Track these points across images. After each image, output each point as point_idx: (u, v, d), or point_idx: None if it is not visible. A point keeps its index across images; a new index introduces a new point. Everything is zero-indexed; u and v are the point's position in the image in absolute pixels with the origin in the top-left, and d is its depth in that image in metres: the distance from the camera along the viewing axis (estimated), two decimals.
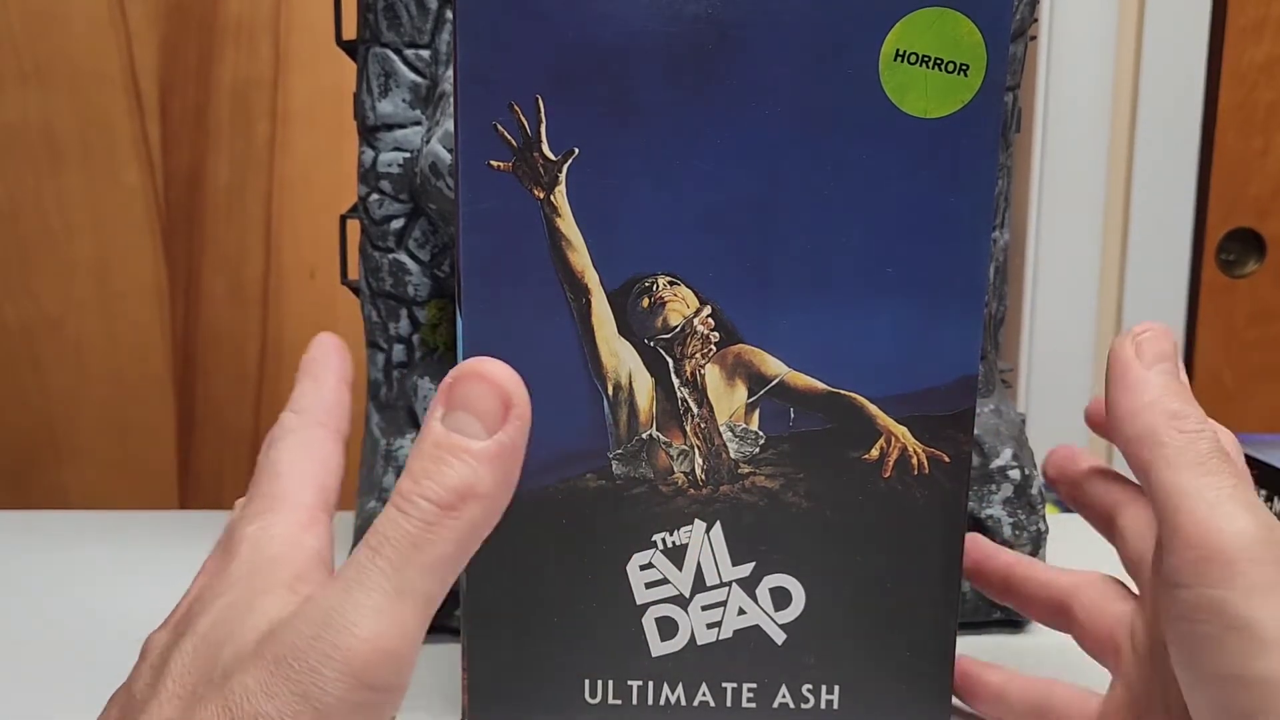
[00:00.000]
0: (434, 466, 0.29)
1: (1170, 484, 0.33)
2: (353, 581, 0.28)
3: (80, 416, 1.01)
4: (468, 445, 0.29)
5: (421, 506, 0.29)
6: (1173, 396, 0.35)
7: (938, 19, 0.38)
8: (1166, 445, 0.34)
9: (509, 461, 0.30)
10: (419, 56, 0.53)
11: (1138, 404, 0.35)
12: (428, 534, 0.29)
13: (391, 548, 0.28)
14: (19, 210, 0.96)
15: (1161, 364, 0.36)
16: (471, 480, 0.29)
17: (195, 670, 0.29)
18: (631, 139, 0.39)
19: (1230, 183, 1.07)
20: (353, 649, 0.27)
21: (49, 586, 0.60)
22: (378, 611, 0.28)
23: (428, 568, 0.29)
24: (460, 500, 0.29)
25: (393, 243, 0.54)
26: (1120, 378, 0.36)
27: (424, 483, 0.29)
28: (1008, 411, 0.56)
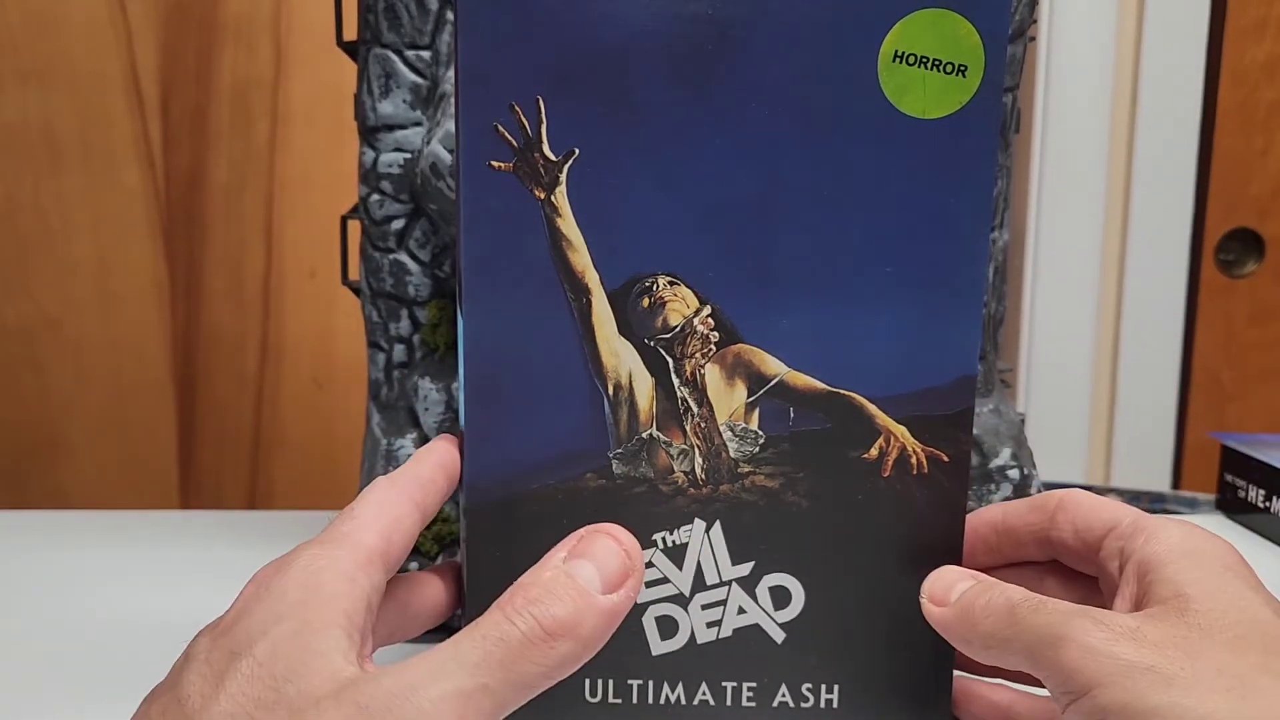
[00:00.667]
0: (550, 597, 0.32)
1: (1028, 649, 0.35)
2: (446, 662, 0.31)
3: (80, 416, 1.01)
4: (585, 590, 0.32)
5: (528, 621, 0.31)
6: (967, 609, 0.37)
7: (936, 20, 0.38)
8: (995, 635, 0.36)
9: (611, 624, 0.33)
10: (419, 57, 0.53)
11: (962, 638, 0.37)
12: (525, 650, 0.31)
13: (489, 645, 0.31)
14: (19, 210, 0.96)
15: (947, 600, 0.38)
16: (579, 621, 0.32)
17: (253, 694, 0.30)
18: (632, 139, 0.39)
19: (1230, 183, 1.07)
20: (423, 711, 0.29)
21: (49, 586, 0.60)
22: (462, 697, 0.30)
23: (513, 679, 0.31)
24: (563, 632, 0.31)
25: (393, 243, 0.54)
26: (944, 629, 0.38)
27: (538, 604, 0.32)
28: (1007, 411, 0.56)
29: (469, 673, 0.30)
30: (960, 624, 0.37)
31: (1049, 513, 0.41)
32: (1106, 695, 0.32)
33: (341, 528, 0.35)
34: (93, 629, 0.55)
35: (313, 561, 0.34)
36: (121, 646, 0.51)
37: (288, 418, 1.02)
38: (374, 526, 0.36)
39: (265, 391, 1.01)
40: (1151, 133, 1.04)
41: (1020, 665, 0.35)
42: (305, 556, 0.34)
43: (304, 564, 0.33)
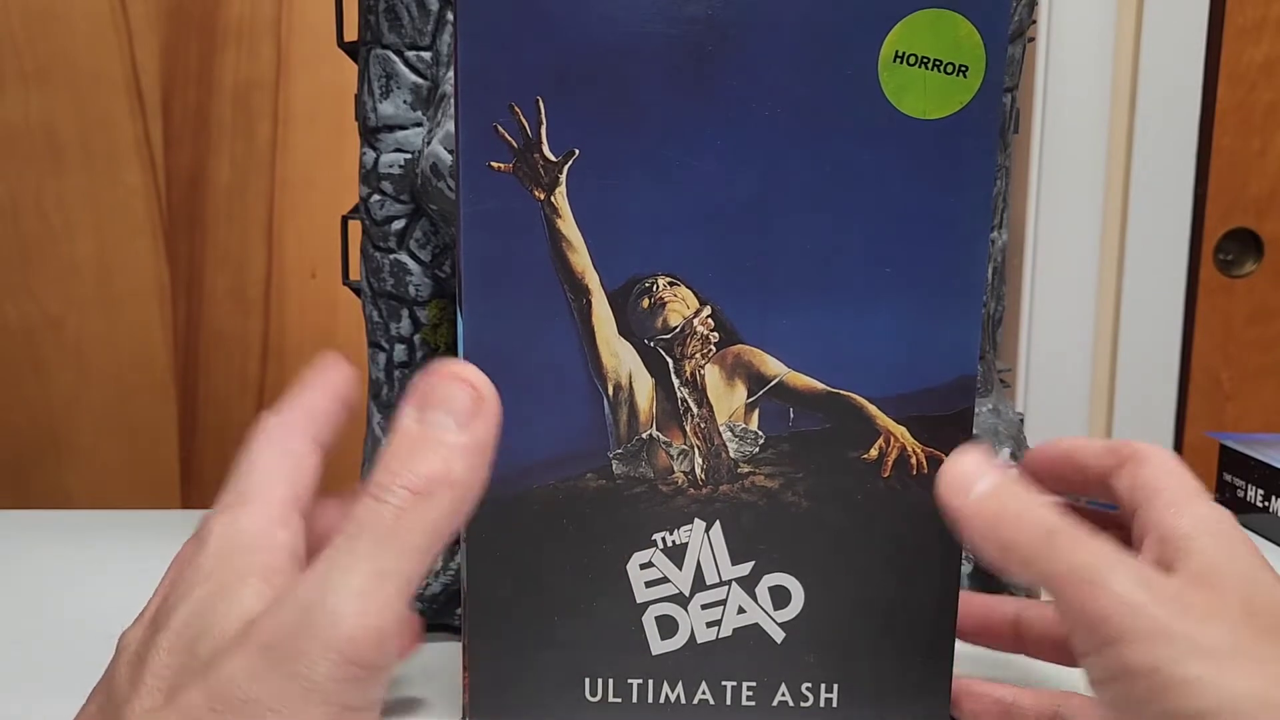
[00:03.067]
0: (408, 458, 0.31)
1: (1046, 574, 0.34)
2: (333, 567, 0.29)
3: (81, 416, 1.01)
4: (442, 437, 0.31)
5: (397, 494, 0.30)
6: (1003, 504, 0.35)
7: (936, 20, 0.38)
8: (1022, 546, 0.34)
9: (481, 456, 0.31)
10: (420, 58, 0.53)
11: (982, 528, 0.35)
12: (402, 519, 0.30)
13: (369, 533, 0.30)
14: (20, 210, 0.96)
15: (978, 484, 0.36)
16: (445, 469, 0.31)
17: (173, 663, 0.29)
18: (632, 140, 0.39)
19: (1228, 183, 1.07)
20: (339, 629, 0.28)
21: (50, 586, 0.60)
22: (360, 593, 0.29)
23: (404, 551, 0.30)
24: (435, 486, 0.30)
25: (394, 243, 0.54)
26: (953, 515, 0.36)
27: (400, 472, 0.30)
28: (1006, 411, 0.56)
29: (358, 572, 0.29)
30: (984, 524, 0.35)
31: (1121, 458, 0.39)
32: (1135, 653, 0.31)
33: (243, 485, 0.34)
34: (94, 629, 0.55)
35: (226, 528, 0.33)
36: None
37: None
38: (277, 477, 0.34)
39: (266, 391, 1.01)
40: (1150, 133, 1.04)
41: (1032, 583, 0.34)
42: (218, 525, 0.33)
43: (218, 533, 0.33)
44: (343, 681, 0.28)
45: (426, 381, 0.32)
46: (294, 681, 0.28)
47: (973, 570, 0.54)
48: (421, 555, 0.30)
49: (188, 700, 0.28)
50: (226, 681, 0.28)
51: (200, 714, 0.28)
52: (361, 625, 0.28)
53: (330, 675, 0.28)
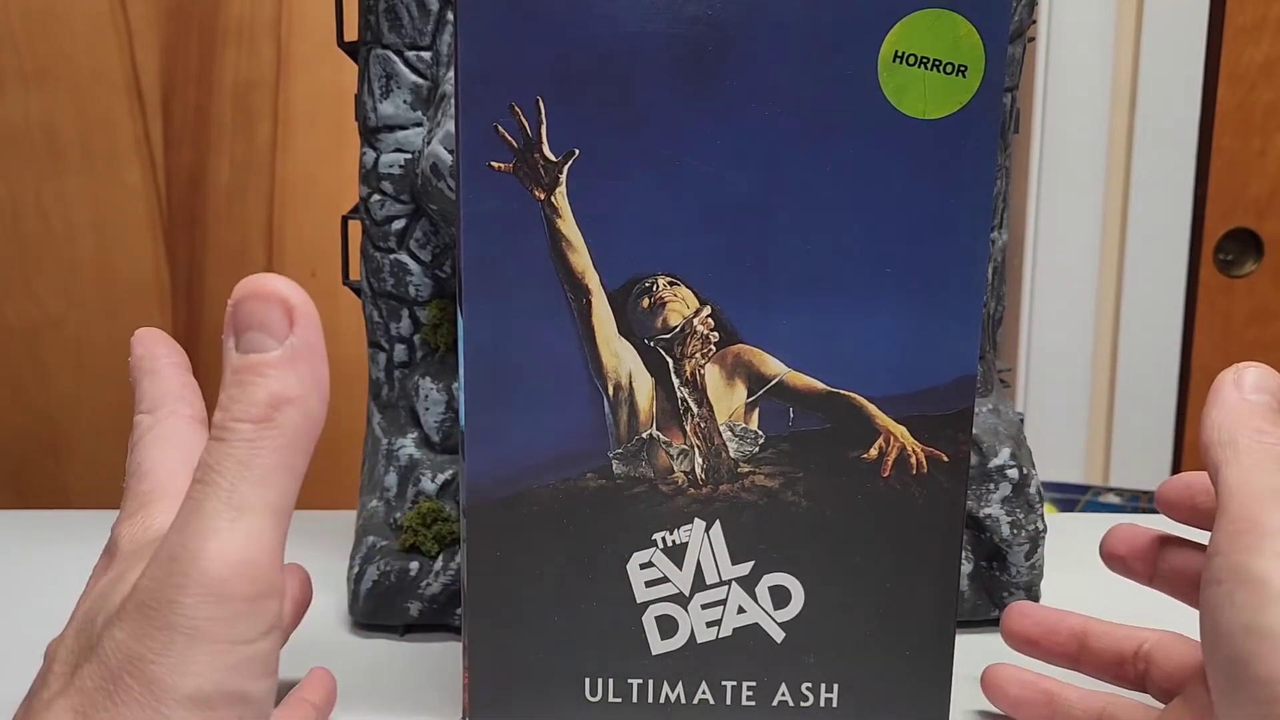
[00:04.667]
0: (239, 390, 0.30)
1: (1233, 479, 0.34)
2: (189, 515, 0.29)
3: (81, 416, 1.01)
4: (264, 359, 0.30)
5: (238, 429, 0.29)
6: (1259, 415, 0.36)
7: (936, 20, 0.38)
8: (1240, 450, 0.35)
9: (310, 361, 0.31)
10: (420, 58, 0.53)
11: (1224, 417, 0.36)
12: (251, 450, 0.29)
13: (219, 474, 0.29)
14: (20, 210, 0.96)
15: (1259, 393, 0.37)
16: (278, 389, 0.30)
17: (74, 649, 0.30)
18: (632, 140, 0.39)
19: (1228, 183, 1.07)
20: (205, 570, 0.28)
21: (51, 586, 0.60)
22: (220, 532, 0.28)
23: (260, 481, 0.29)
24: (273, 410, 0.30)
25: (394, 243, 0.54)
26: (1215, 397, 0.37)
27: (233, 407, 0.30)
28: (1006, 411, 0.56)
29: (213, 512, 0.29)
30: (1237, 415, 0.36)
31: None
32: None
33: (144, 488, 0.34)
34: None
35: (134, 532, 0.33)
36: None
37: None
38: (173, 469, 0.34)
39: None
40: (1150, 133, 1.04)
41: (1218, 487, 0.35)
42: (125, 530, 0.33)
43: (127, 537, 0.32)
44: (223, 620, 0.28)
45: (232, 309, 0.31)
46: (173, 631, 0.28)
47: (973, 570, 0.54)
48: (281, 479, 0.30)
49: (82, 677, 0.28)
50: (111, 649, 0.28)
51: (95, 684, 0.28)
52: (226, 561, 0.28)
53: (208, 616, 0.28)
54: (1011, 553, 0.53)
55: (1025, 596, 0.54)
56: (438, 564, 0.52)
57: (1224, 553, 0.33)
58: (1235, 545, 0.33)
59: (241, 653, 0.28)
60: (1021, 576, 0.54)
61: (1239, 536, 0.33)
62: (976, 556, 0.54)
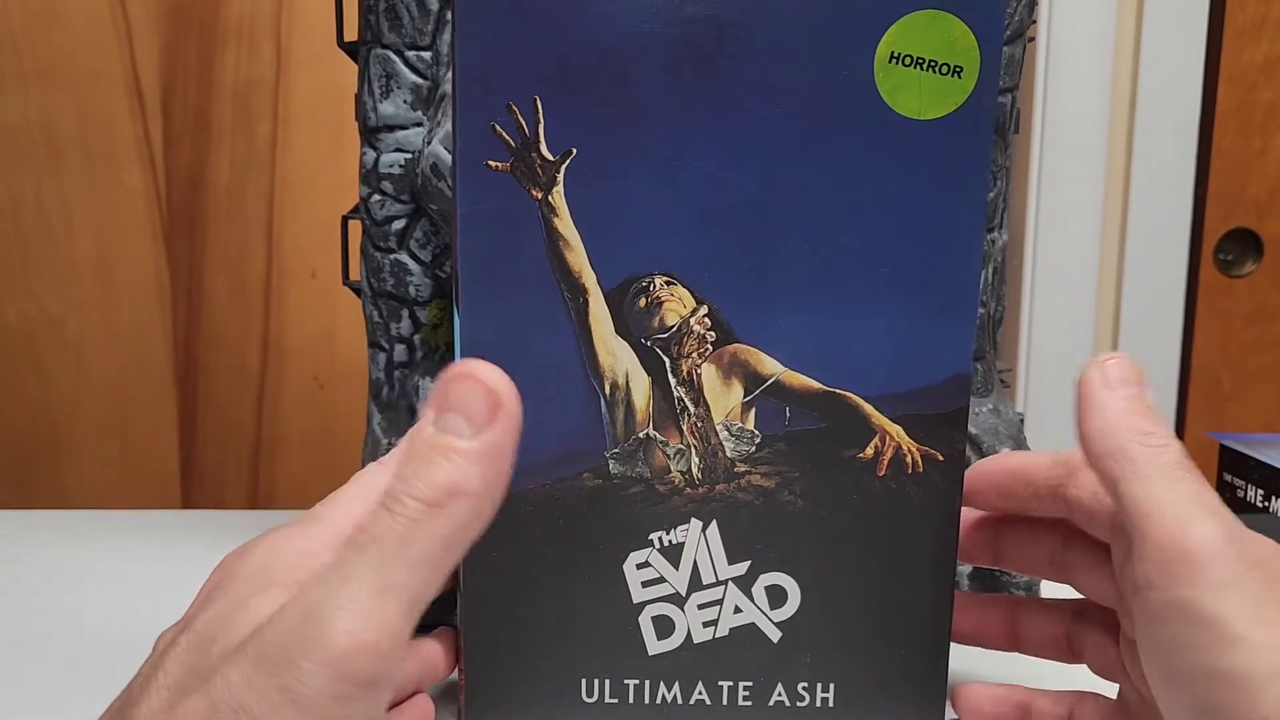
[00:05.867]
0: (422, 467, 0.29)
1: (1139, 494, 0.34)
2: (335, 578, 0.28)
3: (81, 416, 1.01)
4: (455, 444, 0.30)
5: (408, 505, 0.29)
6: (1138, 416, 0.35)
7: (932, 21, 0.38)
8: (1134, 459, 0.34)
9: (498, 461, 0.30)
10: (420, 58, 0.53)
11: (1105, 424, 0.35)
12: (414, 531, 0.29)
13: (377, 545, 0.29)
14: (20, 210, 0.96)
15: (1127, 388, 0.36)
16: (459, 478, 0.29)
17: (185, 664, 0.29)
18: (629, 139, 0.39)
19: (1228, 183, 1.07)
20: (332, 641, 0.27)
21: (50, 586, 0.61)
22: (358, 606, 0.28)
23: (413, 565, 0.29)
24: (448, 498, 0.29)
25: (394, 243, 0.55)
26: (1087, 401, 0.36)
27: (412, 482, 0.29)
28: (1006, 411, 0.56)
29: (359, 584, 0.28)
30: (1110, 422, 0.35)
31: (1071, 469, 0.40)
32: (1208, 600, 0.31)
33: (319, 510, 0.34)
34: (94, 629, 0.55)
35: (278, 542, 0.32)
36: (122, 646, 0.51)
37: (289, 417, 1.02)
38: (354, 508, 0.33)
39: (266, 391, 1.01)
40: (1150, 133, 1.04)
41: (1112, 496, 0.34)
42: (272, 537, 0.32)
43: (268, 545, 0.32)
44: (335, 697, 0.27)
45: (442, 384, 0.30)
46: (286, 694, 0.27)
47: (972, 570, 0.54)
48: (433, 569, 0.29)
49: (187, 707, 0.28)
50: (223, 689, 0.27)
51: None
52: (356, 640, 0.27)
53: (321, 690, 0.27)
54: None
55: (1024, 596, 0.54)
56: None
57: (1160, 587, 0.32)
58: (1171, 578, 0.32)
59: None
60: (1021, 576, 0.54)
61: (1170, 567, 0.32)
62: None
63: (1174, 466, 0.34)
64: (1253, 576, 0.32)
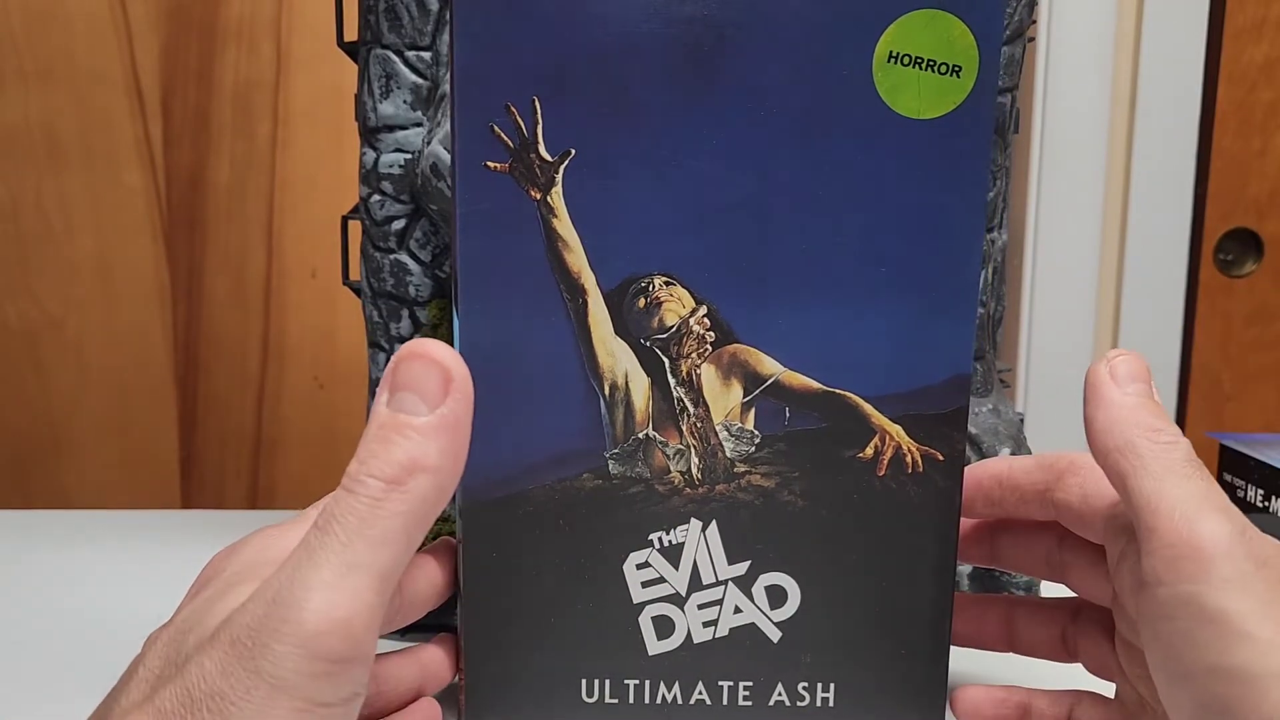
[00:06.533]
0: (380, 446, 0.30)
1: (1148, 490, 0.34)
2: (302, 560, 0.29)
3: (82, 416, 1.01)
4: (411, 421, 0.30)
5: (369, 484, 0.29)
6: (1146, 412, 0.35)
7: (931, 21, 0.38)
8: (1143, 455, 0.34)
9: (454, 434, 0.30)
10: (420, 58, 0.53)
11: (1113, 419, 0.35)
12: (376, 509, 0.29)
13: (339, 525, 0.29)
14: (20, 210, 0.96)
15: (1135, 384, 0.36)
16: (417, 454, 0.30)
17: (164, 657, 0.29)
18: (628, 139, 0.39)
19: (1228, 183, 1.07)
20: (302, 622, 0.27)
21: (49, 586, 0.61)
22: (326, 585, 0.28)
23: (377, 542, 0.29)
24: (407, 474, 0.29)
25: (394, 243, 0.55)
26: (1096, 396, 0.36)
27: (370, 462, 0.30)
28: (1006, 411, 0.56)
29: (326, 565, 0.28)
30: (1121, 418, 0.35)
31: (1057, 473, 0.40)
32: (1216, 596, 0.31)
33: (309, 511, 0.34)
34: (93, 629, 0.55)
35: (265, 539, 0.32)
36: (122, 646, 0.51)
37: (289, 417, 1.02)
38: None
39: (267, 391, 1.01)
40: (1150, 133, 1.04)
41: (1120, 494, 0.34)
42: (260, 536, 0.33)
43: (255, 543, 0.32)
44: (309, 676, 0.28)
45: (394, 364, 0.31)
46: (259, 676, 0.27)
47: (972, 570, 0.54)
48: (398, 545, 0.29)
49: (164, 696, 0.28)
50: (197, 677, 0.28)
51: (173, 709, 0.28)
52: (327, 618, 0.28)
53: (296, 669, 0.27)
54: None
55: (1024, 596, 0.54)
56: None
57: (1168, 582, 0.32)
58: (1178, 574, 0.32)
59: (320, 714, 0.28)
60: (1021, 576, 0.54)
61: (1179, 563, 0.32)
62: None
63: (1183, 463, 0.34)
64: (1261, 575, 0.32)
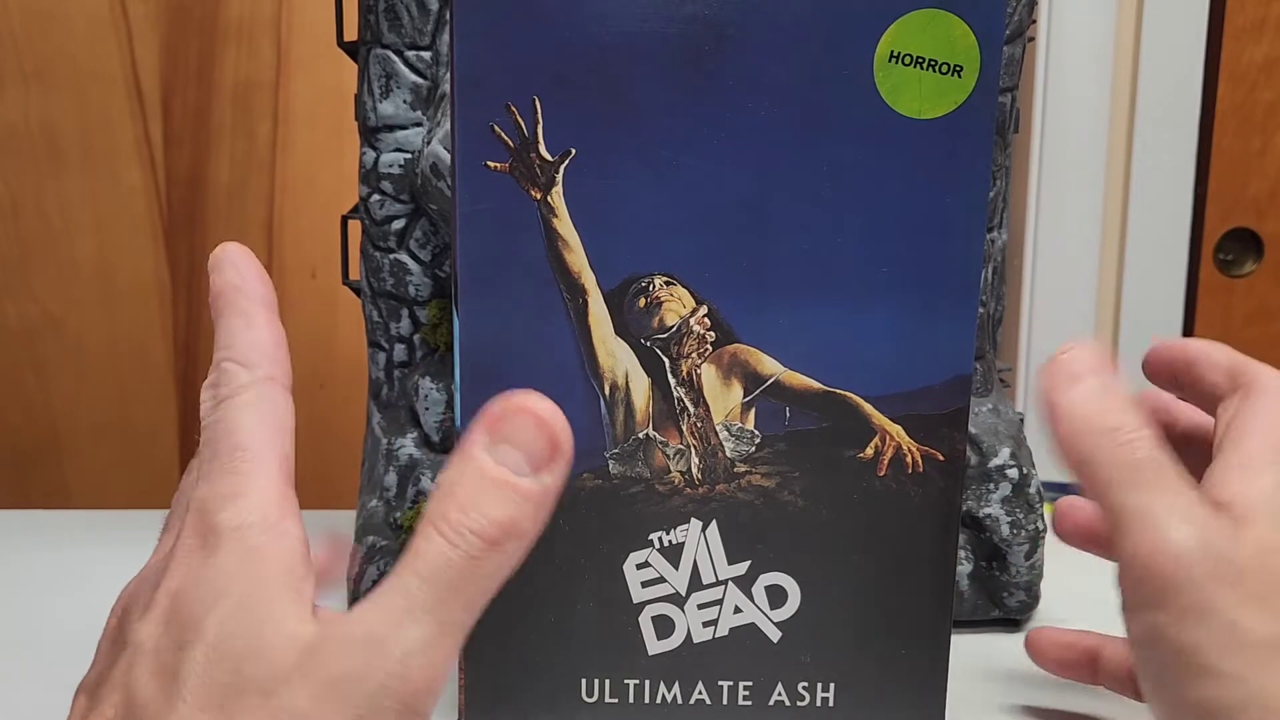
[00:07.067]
0: (482, 499, 0.29)
1: (1112, 506, 0.32)
2: (403, 611, 0.28)
3: (82, 416, 1.01)
4: (516, 482, 0.29)
5: (469, 540, 0.28)
6: (1102, 412, 0.34)
7: (932, 20, 0.38)
8: (1102, 465, 0.33)
9: (548, 504, 0.30)
10: (420, 58, 0.53)
11: (1069, 432, 0.34)
12: (473, 568, 0.28)
13: (441, 579, 0.28)
14: (20, 210, 0.96)
15: (1087, 379, 0.34)
16: (517, 518, 0.29)
17: (216, 682, 0.28)
18: (628, 139, 0.39)
19: (1228, 183, 1.07)
20: (409, 680, 0.27)
21: (49, 586, 0.61)
22: (428, 645, 0.28)
23: (469, 604, 0.29)
24: (505, 537, 0.29)
25: (394, 243, 0.55)
26: (1049, 407, 0.35)
27: (473, 514, 0.29)
28: (1006, 411, 0.56)
29: (428, 618, 0.28)
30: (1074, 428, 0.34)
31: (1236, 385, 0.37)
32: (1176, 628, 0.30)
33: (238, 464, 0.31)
34: (94, 629, 0.55)
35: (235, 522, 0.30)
36: None
37: None
38: (269, 450, 0.31)
39: None
40: (1150, 133, 1.04)
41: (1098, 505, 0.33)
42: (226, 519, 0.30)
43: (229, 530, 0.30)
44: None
45: (502, 411, 0.30)
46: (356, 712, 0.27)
47: (972, 570, 0.54)
48: (479, 609, 0.29)
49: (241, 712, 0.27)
50: (290, 710, 0.27)
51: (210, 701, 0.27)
52: (426, 678, 0.28)
53: None
54: (1011, 553, 0.53)
55: (1025, 596, 0.54)
56: None
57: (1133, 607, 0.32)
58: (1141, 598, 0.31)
59: None
60: (1021, 576, 0.54)
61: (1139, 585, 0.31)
62: (976, 556, 0.54)
63: (1144, 466, 0.33)
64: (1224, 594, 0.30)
